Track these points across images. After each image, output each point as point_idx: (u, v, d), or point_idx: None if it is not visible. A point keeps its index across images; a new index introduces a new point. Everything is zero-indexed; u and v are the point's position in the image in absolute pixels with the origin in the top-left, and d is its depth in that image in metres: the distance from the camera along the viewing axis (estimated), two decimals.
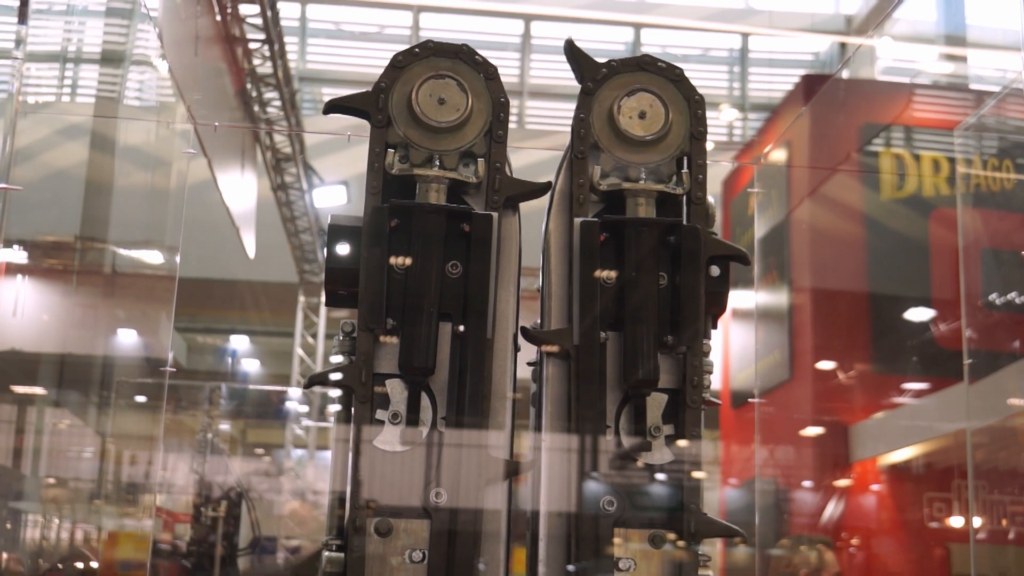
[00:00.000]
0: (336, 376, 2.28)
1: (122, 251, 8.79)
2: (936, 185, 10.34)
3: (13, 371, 8.60)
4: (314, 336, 14.48)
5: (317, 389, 13.82)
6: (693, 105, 2.41)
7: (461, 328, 2.25)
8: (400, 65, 2.36)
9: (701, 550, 2.23)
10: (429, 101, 2.33)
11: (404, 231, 2.27)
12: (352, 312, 2.28)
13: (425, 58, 2.37)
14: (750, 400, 7.19)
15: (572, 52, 2.44)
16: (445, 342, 2.26)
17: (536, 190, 2.38)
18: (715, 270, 2.36)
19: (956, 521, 9.46)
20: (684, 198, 2.39)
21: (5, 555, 8.83)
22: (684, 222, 2.36)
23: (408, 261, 2.26)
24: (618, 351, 2.28)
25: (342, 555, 2.14)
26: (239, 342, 16.51)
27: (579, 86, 2.44)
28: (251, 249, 11.00)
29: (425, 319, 2.22)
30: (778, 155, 10.35)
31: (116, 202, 8.46)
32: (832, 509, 9.91)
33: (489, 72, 2.38)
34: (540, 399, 2.34)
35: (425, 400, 2.24)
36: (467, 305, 2.26)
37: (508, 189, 2.32)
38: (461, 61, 2.37)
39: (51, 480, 10.51)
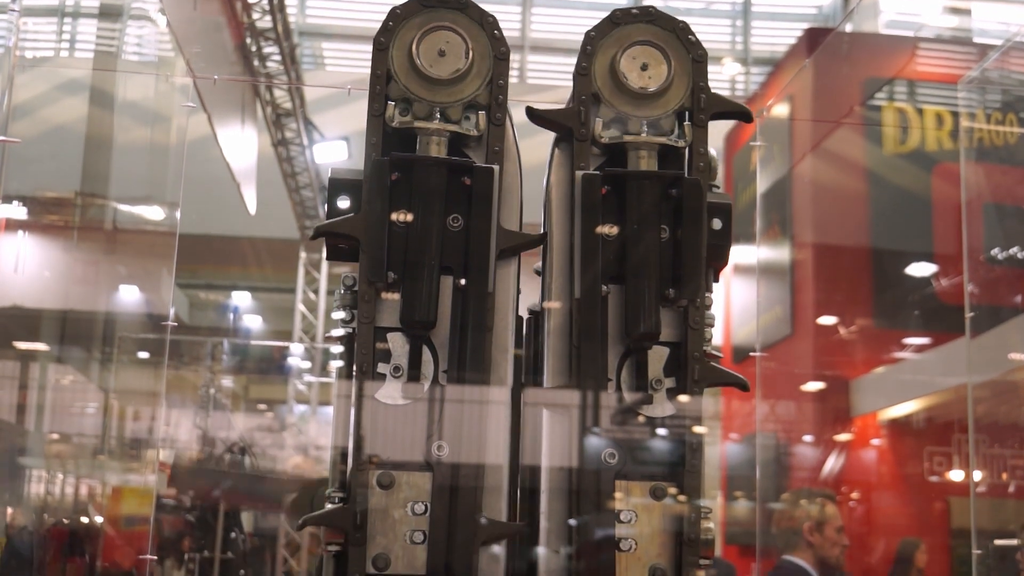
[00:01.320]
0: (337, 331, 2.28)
1: (123, 207, 8.78)
2: (939, 139, 10.31)
3: (15, 327, 8.62)
4: (315, 292, 14.48)
5: (319, 344, 13.85)
6: (696, 59, 2.39)
7: (462, 282, 2.25)
8: (399, 18, 2.34)
9: (702, 503, 2.24)
10: (429, 53, 2.31)
11: (405, 184, 2.26)
12: (353, 266, 2.28)
13: (424, 10, 2.35)
14: (751, 354, 7.19)
15: (536, 116, 2.39)
16: (446, 296, 2.25)
17: (531, 241, 2.35)
18: (717, 223, 2.35)
19: (956, 475, 9.52)
20: (686, 151, 2.38)
21: (11, 510, 8.88)
22: (686, 175, 2.35)
23: (409, 214, 2.26)
24: (619, 304, 2.28)
25: (343, 507, 2.15)
26: (241, 298, 16.53)
27: (580, 39, 2.41)
28: (252, 205, 10.98)
29: (426, 273, 2.22)
30: (781, 109, 10.31)
31: (116, 158, 8.44)
32: (833, 463, 9.96)
33: (489, 22, 2.36)
34: (542, 352, 2.33)
35: (426, 354, 2.24)
36: (468, 258, 2.25)
37: (503, 241, 2.30)
38: (460, 12, 2.35)
39: (54, 436, 10.57)
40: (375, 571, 2.14)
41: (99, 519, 8.61)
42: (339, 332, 2.29)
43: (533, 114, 2.37)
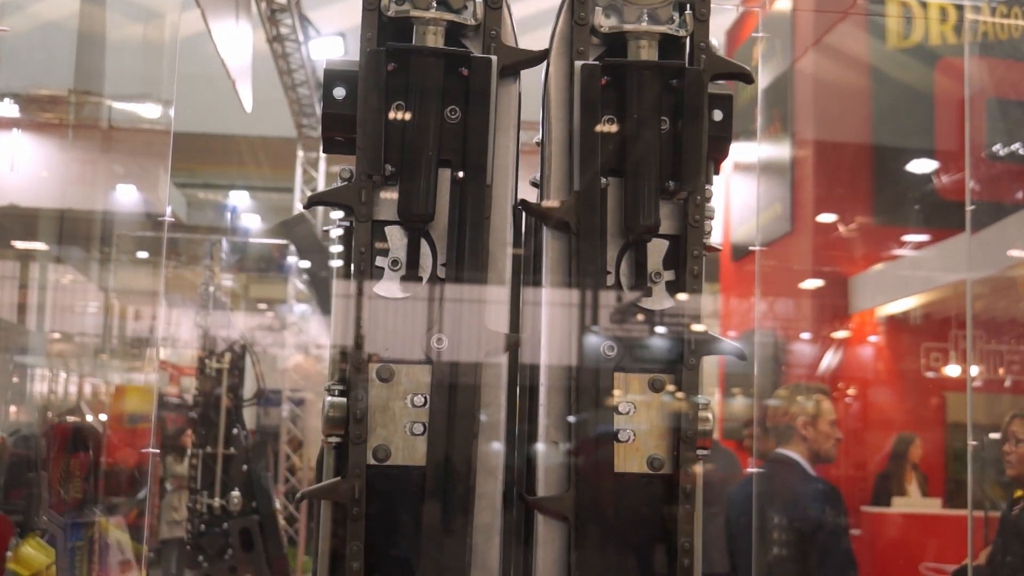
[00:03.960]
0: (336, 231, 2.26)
1: (118, 105, 8.70)
2: (943, 34, 10.17)
3: (13, 226, 8.61)
4: (314, 191, 14.42)
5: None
6: None
7: (460, 174, 2.23)
8: None
9: (702, 399, 2.25)
10: None
11: (401, 76, 2.23)
12: (350, 160, 2.25)
13: None
14: (751, 249, 7.19)
15: (530, 209, 2.33)
16: (444, 189, 2.24)
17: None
18: (718, 115, 2.32)
19: (952, 370, 9.60)
20: (687, 41, 2.34)
21: (14, 408, 8.97)
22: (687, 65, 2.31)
23: (406, 106, 2.23)
24: (619, 197, 2.27)
25: (344, 400, 2.16)
26: (239, 198, 16.45)
27: None
28: (248, 102, 10.86)
29: (424, 165, 2.20)
30: (783, 3, 10.17)
31: (109, 54, 8.33)
32: (830, 360, 10.03)
33: None
34: (541, 250, 2.32)
35: (425, 247, 2.23)
36: (466, 150, 2.23)
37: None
38: None
39: (56, 335, 10.62)
40: (375, 462, 2.16)
41: (103, 417, 8.70)
42: (338, 231, 2.28)
43: (528, 208, 2.31)
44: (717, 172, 2.39)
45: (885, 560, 8.34)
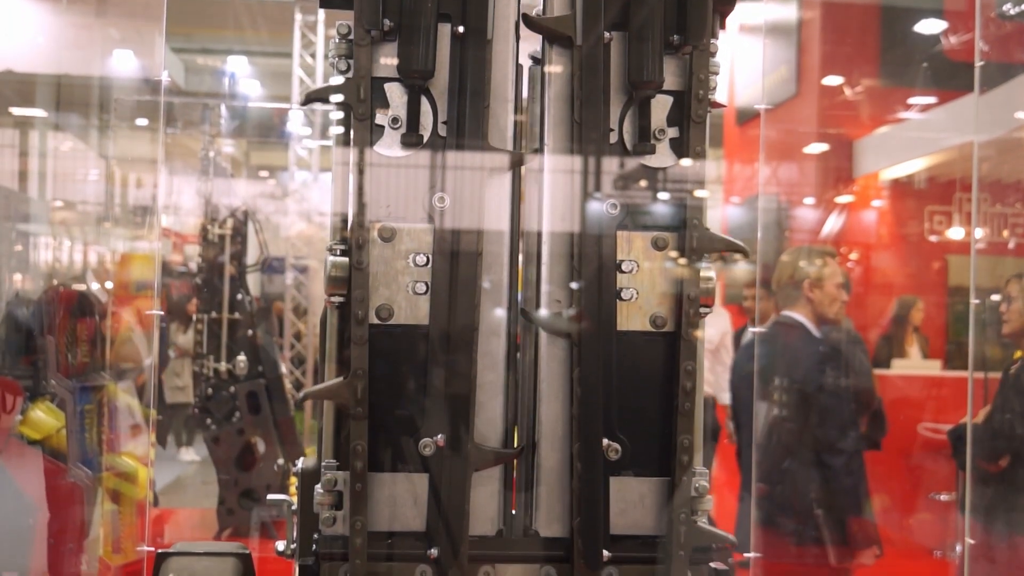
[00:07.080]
0: (336, 95, 2.22)
1: None
2: None
3: (10, 93, 8.52)
4: (313, 56, 14.21)
5: (318, 108, 13.68)
6: None
7: (460, 29, 2.18)
8: None
9: (704, 260, 2.23)
10: None
11: None
12: (348, 15, 2.20)
13: None
14: (756, 107, 7.08)
15: (531, 22, 2.26)
16: (445, 45, 2.19)
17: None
18: None
19: (955, 233, 9.59)
20: None
21: (19, 277, 9.00)
22: None
23: None
24: (622, 52, 2.22)
25: (346, 259, 2.15)
26: (237, 64, 16.20)
27: None
28: None
29: (423, 19, 2.15)
30: None
31: None
32: (833, 224, 10.02)
33: None
34: (542, 103, 2.28)
35: (425, 104, 2.20)
36: (466, 4, 2.18)
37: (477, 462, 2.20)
38: None
39: (58, 203, 10.60)
40: (379, 321, 2.16)
41: (109, 284, 8.73)
42: (337, 96, 2.23)
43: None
44: (723, 27, 2.34)
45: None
